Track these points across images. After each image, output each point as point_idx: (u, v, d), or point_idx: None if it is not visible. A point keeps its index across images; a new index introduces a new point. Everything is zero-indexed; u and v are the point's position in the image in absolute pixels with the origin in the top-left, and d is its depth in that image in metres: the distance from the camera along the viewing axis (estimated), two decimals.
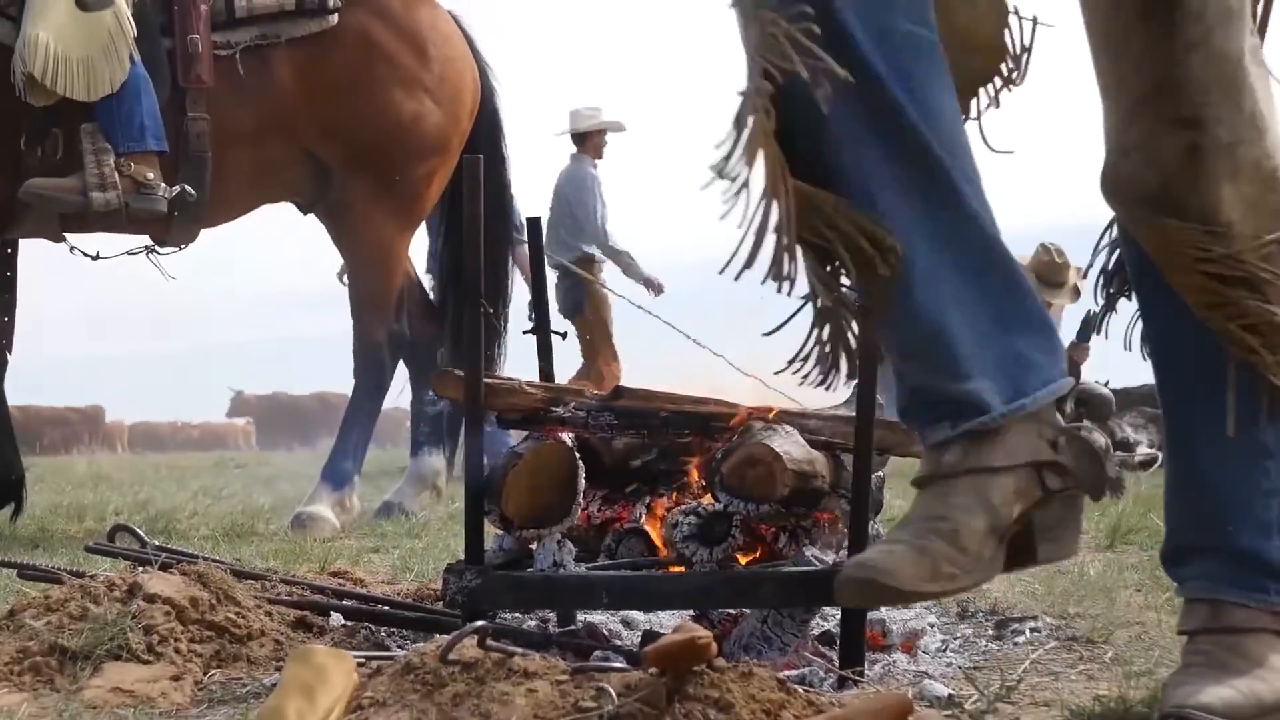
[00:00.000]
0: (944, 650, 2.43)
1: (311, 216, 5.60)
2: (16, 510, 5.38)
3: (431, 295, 5.90)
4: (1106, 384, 7.43)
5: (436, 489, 5.74)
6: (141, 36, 4.87)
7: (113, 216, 4.86)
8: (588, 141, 9.24)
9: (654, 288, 9.71)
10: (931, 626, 2.57)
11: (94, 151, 4.81)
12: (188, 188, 4.96)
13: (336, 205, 5.45)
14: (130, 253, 5.32)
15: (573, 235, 9.21)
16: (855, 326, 1.69)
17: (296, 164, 5.33)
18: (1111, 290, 1.92)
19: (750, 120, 1.56)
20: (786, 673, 2.00)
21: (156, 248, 5.28)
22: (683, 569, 2.28)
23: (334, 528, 5.08)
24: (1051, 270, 8.12)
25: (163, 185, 4.88)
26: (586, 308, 9.11)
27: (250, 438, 28.70)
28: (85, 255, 5.29)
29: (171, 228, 5.15)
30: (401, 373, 5.75)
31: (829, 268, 1.66)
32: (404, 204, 5.45)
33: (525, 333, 2.81)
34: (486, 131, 5.67)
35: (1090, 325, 8.13)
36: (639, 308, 2.80)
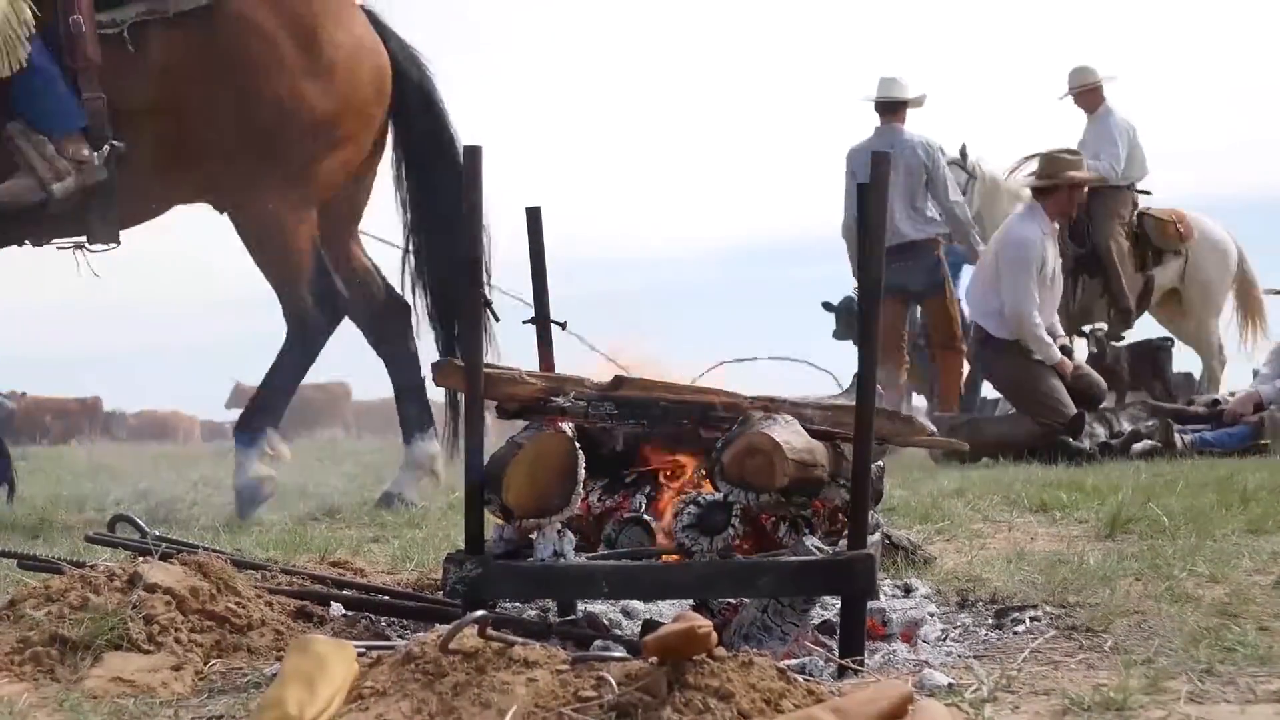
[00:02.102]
0: (944, 639, 2.44)
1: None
2: (10, 492, 5.40)
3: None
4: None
5: (434, 474, 5.73)
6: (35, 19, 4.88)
7: (68, 201, 4.91)
8: (900, 111, 8.93)
9: None
10: (931, 616, 2.57)
11: (33, 145, 4.87)
12: (115, 142, 4.97)
13: (225, 185, 5.37)
14: (60, 247, 5.32)
15: (925, 208, 8.79)
16: None
17: (201, 150, 5.23)
18: None
19: None
20: (786, 662, 2.00)
21: (88, 246, 5.28)
22: (683, 558, 2.28)
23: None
24: (1058, 161, 7.94)
25: (94, 155, 4.94)
26: (947, 288, 8.82)
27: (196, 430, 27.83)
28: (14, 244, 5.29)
29: (91, 226, 5.15)
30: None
31: None
32: (289, 184, 5.31)
33: (525, 322, 2.80)
34: (422, 115, 5.65)
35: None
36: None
